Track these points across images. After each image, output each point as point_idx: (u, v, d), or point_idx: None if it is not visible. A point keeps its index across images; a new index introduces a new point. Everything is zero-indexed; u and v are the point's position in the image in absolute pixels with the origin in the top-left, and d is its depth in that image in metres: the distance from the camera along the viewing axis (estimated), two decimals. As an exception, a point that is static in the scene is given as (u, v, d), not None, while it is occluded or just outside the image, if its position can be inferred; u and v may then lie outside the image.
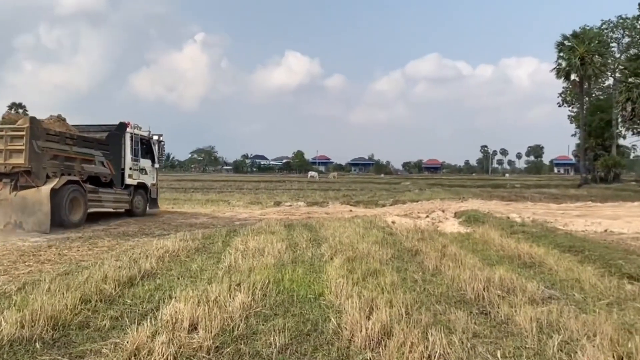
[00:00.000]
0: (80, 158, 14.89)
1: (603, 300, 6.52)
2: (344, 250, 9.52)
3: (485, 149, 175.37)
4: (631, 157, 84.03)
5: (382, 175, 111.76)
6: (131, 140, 17.33)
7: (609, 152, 53.03)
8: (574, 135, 66.71)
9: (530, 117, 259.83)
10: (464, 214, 17.94)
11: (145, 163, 18.39)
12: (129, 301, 6.04)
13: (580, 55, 48.24)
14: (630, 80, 41.04)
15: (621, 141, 57.22)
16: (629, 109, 40.00)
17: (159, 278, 7.35)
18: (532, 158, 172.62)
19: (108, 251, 10.09)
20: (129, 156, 17.24)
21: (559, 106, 64.76)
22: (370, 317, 5.18)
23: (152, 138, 18.97)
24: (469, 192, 35.02)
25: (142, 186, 18.25)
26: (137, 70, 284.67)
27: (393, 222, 15.32)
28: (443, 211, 20.02)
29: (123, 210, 17.70)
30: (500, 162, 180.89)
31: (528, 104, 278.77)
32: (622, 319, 5.65)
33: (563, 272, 8.04)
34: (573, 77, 51.62)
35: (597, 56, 49.64)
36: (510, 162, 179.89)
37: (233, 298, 5.90)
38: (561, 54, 50.90)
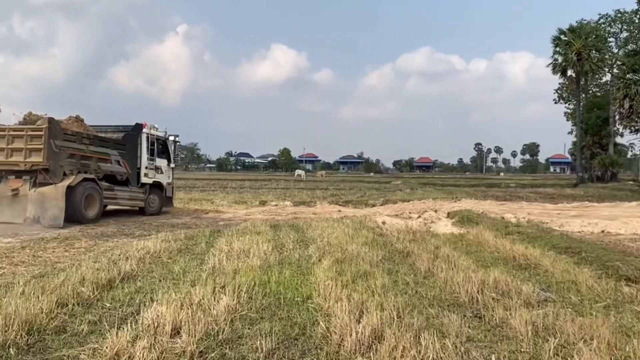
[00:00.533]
0: (96, 157, 16.18)
1: (600, 302, 6.61)
2: (332, 252, 9.54)
3: (480, 146, 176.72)
4: (628, 155, 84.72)
5: (372, 174, 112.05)
6: (147, 140, 18.50)
7: (606, 151, 53.43)
8: (571, 133, 67.06)
9: (525, 114, 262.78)
10: (457, 214, 18.05)
11: (161, 162, 19.48)
12: (108, 304, 6.01)
13: (577, 50, 48.65)
14: (628, 76, 41.39)
15: (618, 139, 57.62)
16: (626, 106, 40.33)
17: (140, 280, 7.31)
18: (527, 156, 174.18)
19: (85, 252, 10.01)
20: (144, 156, 18.43)
21: (555, 103, 65.31)
22: (361, 320, 5.20)
23: (168, 138, 20.02)
24: (463, 191, 35.24)
25: (157, 185, 19.33)
26: (116, 63, 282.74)
27: (383, 223, 15.37)
28: (435, 211, 20.12)
29: (137, 208, 18.77)
30: (494, 160, 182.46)
31: (523, 101, 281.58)
32: (619, 322, 5.73)
33: (559, 274, 8.13)
34: (569, 73, 52.09)
35: (594, 51, 50.12)
36: (505, 161, 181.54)
37: (217, 301, 5.89)
38: (557, 49, 51.28)
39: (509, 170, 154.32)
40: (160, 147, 19.53)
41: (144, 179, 18.52)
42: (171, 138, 20.24)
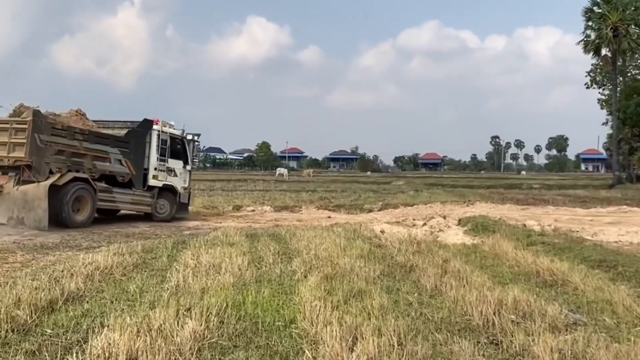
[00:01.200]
0: (91, 155, 16.94)
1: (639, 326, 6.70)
2: (321, 267, 9.57)
3: (497, 140, 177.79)
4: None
5: (369, 173, 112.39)
6: (158, 138, 19.13)
7: (648, 145, 53.83)
8: (605, 124, 67.59)
9: (551, 101, 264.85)
10: (470, 221, 18.16)
11: (175, 164, 20.10)
12: (49, 331, 5.98)
13: (613, 24, 49.01)
14: (673, 56, 41.80)
15: (662, 131, 58.01)
16: (672, 91, 40.71)
17: (88, 302, 7.29)
18: (553, 152, 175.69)
19: (22, 268, 9.92)
20: (154, 156, 19.09)
21: (587, 88, 65.81)
22: (354, 348, 5.23)
23: (185, 137, 20.70)
24: (477, 193, 35.47)
25: (169, 189, 19.91)
26: (57, 39, 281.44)
27: (382, 232, 15.42)
28: (444, 217, 20.23)
29: (142, 213, 19.44)
30: (515, 156, 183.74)
31: (549, 85, 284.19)
32: (661, 348, 5.81)
33: (591, 292, 8.22)
34: (604, 51, 52.51)
35: (633, 26, 50.48)
36: (527, 157, 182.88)
37: (182, 326, 5.89)
38: (590, 23, 51.65)
39: (531, 169, 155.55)
40: (175, 147, 20.15)
41: (152, 182, 19.12)
42: (189, 137, 20.91)
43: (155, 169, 19.19)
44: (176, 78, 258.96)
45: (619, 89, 55.89)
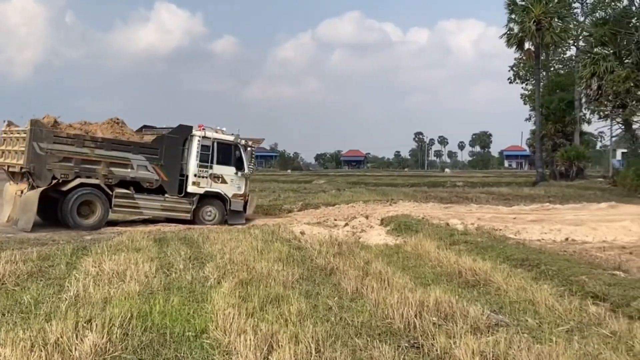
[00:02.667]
0: (107, 161, 18.17)
1: (562, 326, 6.99)
2: (235, 272, 9.56)
3: (420, 136, 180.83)
4: (597, 147, 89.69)
5: (289, 172, 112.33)
6: (198, 144, 19.80)
7: (571, 141, 55.51)
8: (528, 119, 69.68)
9: (475, 96, 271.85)
10: (392, 221, 18.48)
11: (223, 170, 20.38)
12: None
13: (536, 17, 50.42)
14: (596, 50, 42.98)
15: (585, 127, 59.81)
16: (594, 86, 41.95)
17: (-25, 316, 7.02)
18: (477, 149, 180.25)
19: None
20: (193, 162, 19.72)
21: (510, 83, 67.43)
22: (269, 357, 5.24)
23: (239, 143, 21.01)
24: (400, 192, 35.97)
25: (216, 196, 20.31)
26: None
27: (302, 233, 15.47)
28: (367, 217, 20.50)
29: (180, 218, 19.78)
30: (438, 153, 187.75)
31: (472, 80, 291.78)
32: (584, 348, 6.08)
33: (514, 292, 8.51)
34: (527, 45, 53.91)
35: (556, 19, 52.11)
36: (451, 154, 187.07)
37: (81, 339, 5.77)
38: (512, 16, 52.88)
39: (455, 166, 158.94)
40: (224, 153, 20.52)
41: (191, 188, 19.67)
42: (243, 142, 21.28)
43: (196, 175, 19.71)
44: (77, 68, 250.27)
45: (542, 83, 57.59)
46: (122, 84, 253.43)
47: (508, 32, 53.21)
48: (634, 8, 39.39)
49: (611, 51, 38.72)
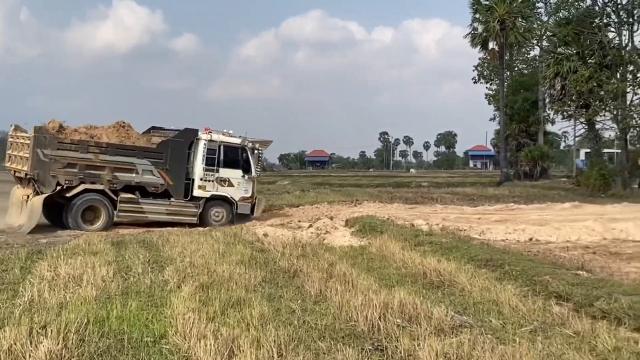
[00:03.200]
0: (111, 167, 18.35)
1: (525, 326, 7.08)
2: (196, 275, 9.51)
3: (386, 137, 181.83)
4: (561, 147, 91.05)
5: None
6: (204, 147, 19.96)
7: (535, 141, 56.35)
8: (493, 119, 70.63)
9: (440, 96, 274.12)
10: (357, 222, 18.54)
11: (230, 173, 20.51)
12: None
13: (500, 17, 51.05)
14: (559, 50, 43.78)
15: (549, 127, 60.95)
16: (557, 86, 42.72)
17: None
18: (442, 149, 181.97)
19: None
20: (199, 165, 19.90)
21: (475, 82, 68.45)
22: (230, 362, 5.20)
23: (246, 145, 21.18)
24: (365, 192, 36.11)
25: (223, 199, 20.41)
26: None
27: (265, 235, 15.45)
28: (331, 218, 20.53)
29: (187, 223, 19.53)
30: (404, 154, 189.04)
31: (437, 80, 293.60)
32: (547, 349, 6.17)
33: (478, 293, 8.60)
34: (491, 45, 54.62)
35: (520, 19, 52.85)
36: (416, 154, 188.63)
37: (36, 346, 5.70)
38: (477, 16, 53.46)
39: (420, 166, 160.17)
40: (231, 156, 20.73)
41: (197, 192, 19.85)
42: (250, 145, 21.39)
43: (202, 179, 19.88)
44: (32, 67, 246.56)
45: (506, 83, 58.32)
46: (80, 82, 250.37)
47: (472, 32, 53.84)
48: (597, 8, 39.99)
49: (574, 51, 39.34)
